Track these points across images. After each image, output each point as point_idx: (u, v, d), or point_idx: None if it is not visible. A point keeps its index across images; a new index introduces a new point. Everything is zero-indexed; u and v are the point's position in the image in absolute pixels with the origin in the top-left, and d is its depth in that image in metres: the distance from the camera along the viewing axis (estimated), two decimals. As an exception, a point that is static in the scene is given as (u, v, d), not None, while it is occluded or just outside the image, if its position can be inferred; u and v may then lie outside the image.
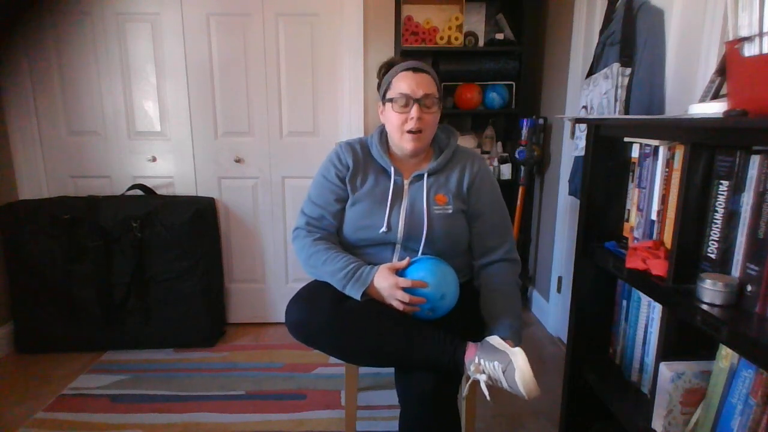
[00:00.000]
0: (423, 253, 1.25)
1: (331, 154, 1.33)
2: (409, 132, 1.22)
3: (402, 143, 1.25)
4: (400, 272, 1.18)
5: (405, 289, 1.13)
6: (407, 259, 1.20)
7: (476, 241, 1.32)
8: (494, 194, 1.33)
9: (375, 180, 1.29)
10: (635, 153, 1.17)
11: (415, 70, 1.22)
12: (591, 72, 1.76)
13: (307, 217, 1.30)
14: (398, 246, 1.26)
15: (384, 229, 1.23)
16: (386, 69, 1.28)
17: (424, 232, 1.23)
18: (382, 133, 1.34)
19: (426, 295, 1.13)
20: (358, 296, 1.16)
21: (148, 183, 2.33)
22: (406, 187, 1.28)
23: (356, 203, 1.28)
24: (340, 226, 1.30)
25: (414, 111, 1.19)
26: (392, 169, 1.28)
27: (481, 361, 1.05)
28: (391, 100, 1.23)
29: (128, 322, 2.15)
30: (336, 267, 1.19)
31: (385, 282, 1.14)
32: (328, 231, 1.29)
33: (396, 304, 1.14)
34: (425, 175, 1.27)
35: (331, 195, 1.29)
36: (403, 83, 1.21)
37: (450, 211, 1.26)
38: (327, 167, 1.32)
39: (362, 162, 1.31)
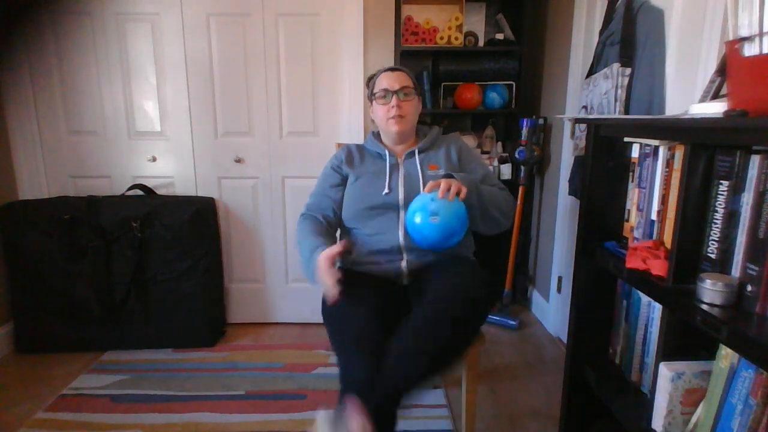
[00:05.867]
0: None
1: (330, 158, 1.55)
2: (392, 117, 1.43)
3: (388, 128, 1.46)
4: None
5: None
6: (344, 241, 1.32)
7: None
8: (479, 158, 1.56)
9: (372, 161, 1.50)
10: (635, 153, 1.17)
11: (392, 69, 1.48)
12: (591, 72, 1.77)
13: (308, 205, 1.51)
14: (401, 212, 1.39)
15: (386, 190, 1.40)
16: (371, 78, 1.54)
17: (421, 191, 1.36)
18: (374, 134, 1.56)
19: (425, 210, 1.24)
20: (312, 279, 1.27)
21: (148, 183, 2.33)
22: (400, 162, 1.48)
23: (358, 178, 1.45)
24: (339, 207, 1.48)
25: (393, 101, 1.43)
26: (386, 152, 1.48)
27: None
28: (375, 96, 1.47)
29: (128, 322, 2.15)
30: (305, 248, 1.33)
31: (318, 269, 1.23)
32: (325, 213, 1.47)
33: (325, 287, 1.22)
34: (416, 152, 1.47)
35: (327, 183, 1.50)
36: (384, 81, 1.46)
37: (442, 174, 1.41)
38: (326, 167, 1.54)
39: (357, 154, 1.53)
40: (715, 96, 1.04)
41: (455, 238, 1.25)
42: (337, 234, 1.55)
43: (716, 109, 0.92)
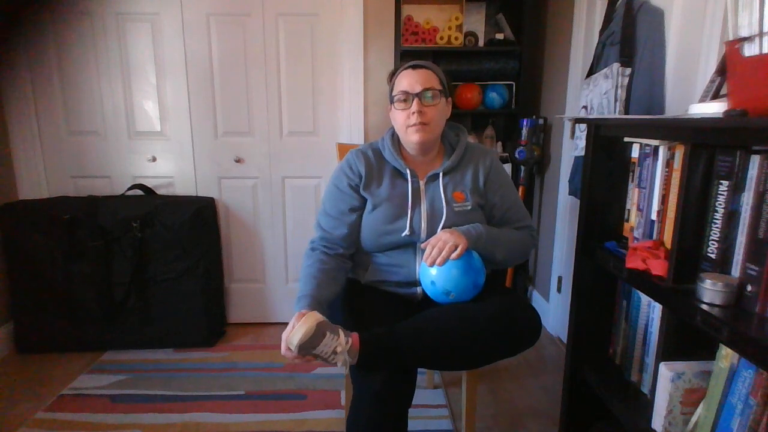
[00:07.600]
0: None
1: (343, 162, 1.32)
2: (413, 126, 1.22)
3: (408, 137, 1.25)
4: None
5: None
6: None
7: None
8: (508, 185, 1.35)
9: (391, 183, 1.29)
10: (635, 153, 1.17)
11: (414, 67, 1.25)
12: (591, 72, 1.76)
13: (322, 231, 1.30)
14: (419, 247, 1.26)
15: (407, 232, 1.23)
16: (392, 74, 1.31)
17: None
18: (393, 135, 1.34)
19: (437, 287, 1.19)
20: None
21: (148, 183, 2.33)
22: (422, 187, 1.29)
23: (376, 208, 1.27)
24: (356, 235, 1.30)
25: (414, 105, 1.21)
26: (407, 171, 1.28)
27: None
28: (393, 100, 1.25)
29: (128, 322, 2.15)
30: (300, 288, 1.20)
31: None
32: (339, 243, 1.28)
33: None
34: (440, 175, 1.28)
35: (344, 205, 1.29)
36: (404, 81, 1.23)
37: (469, 208, 1.27)
38: (339, 177, 1.31)
39: (375, 167, 1.30)
40: (715, 96, 1.04)
41: (480, 283, 1.20)
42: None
43: (716, 109, 0.92)
